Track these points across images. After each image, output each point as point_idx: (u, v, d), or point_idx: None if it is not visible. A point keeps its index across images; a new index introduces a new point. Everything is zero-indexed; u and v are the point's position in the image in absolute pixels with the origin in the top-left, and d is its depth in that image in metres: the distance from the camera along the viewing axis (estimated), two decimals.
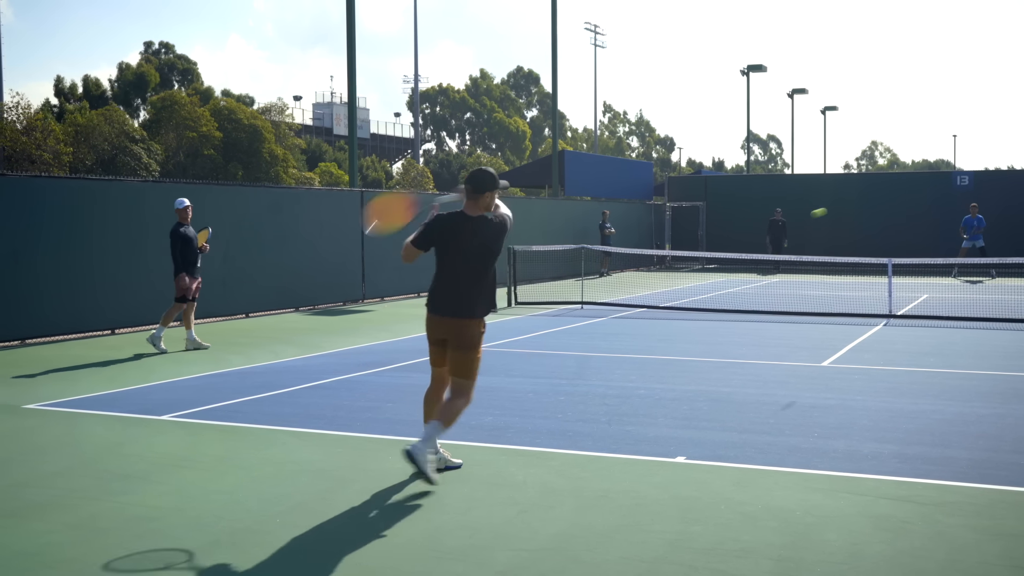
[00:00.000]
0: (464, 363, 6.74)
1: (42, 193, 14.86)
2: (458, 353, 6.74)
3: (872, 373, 11.35)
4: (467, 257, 6.71)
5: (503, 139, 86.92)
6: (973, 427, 8.38)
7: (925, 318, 16.95)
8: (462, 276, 6.73)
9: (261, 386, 10.65)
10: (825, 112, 77.76)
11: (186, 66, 67.09)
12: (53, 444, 8.10)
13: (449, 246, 6.74)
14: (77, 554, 5.43)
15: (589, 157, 42.45)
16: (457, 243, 6.71)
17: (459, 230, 6.71)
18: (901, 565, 5.16)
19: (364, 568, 5.19)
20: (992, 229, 30.11)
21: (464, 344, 6.72)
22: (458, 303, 6.73)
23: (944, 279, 26.90)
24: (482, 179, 6.72)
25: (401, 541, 5.59)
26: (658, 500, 6.32)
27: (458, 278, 6.74)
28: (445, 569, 5.16)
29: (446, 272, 6.78)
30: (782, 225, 31.97)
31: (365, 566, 5.22)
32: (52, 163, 34.84)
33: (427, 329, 6.91)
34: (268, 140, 47.10)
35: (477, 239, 6.68)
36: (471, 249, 6.70)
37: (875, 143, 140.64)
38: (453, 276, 6.75)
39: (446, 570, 5.15)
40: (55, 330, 14.93)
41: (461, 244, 6.70)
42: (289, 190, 21.20)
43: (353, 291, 21.16)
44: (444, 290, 6.78)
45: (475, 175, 6.77)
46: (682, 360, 12.50)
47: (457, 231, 6.71)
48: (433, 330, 6.86)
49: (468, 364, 6.74)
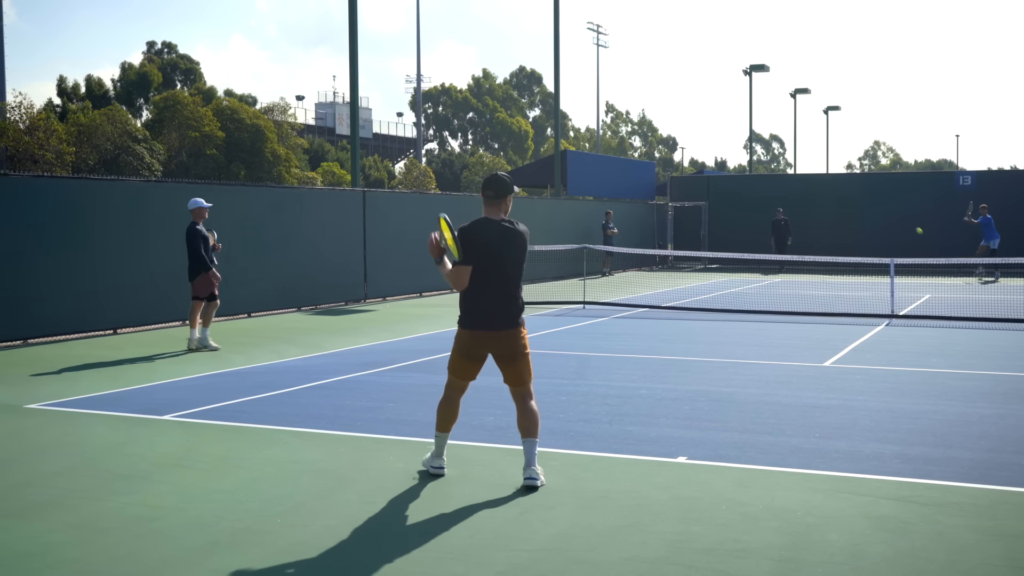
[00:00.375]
0: (524, 370, 6.69)
1: (45, 193, 14.87)
2: (515, 363, 6.65)
3: (874, 373, 11.34)
4: (506, 264, 6.57)
5: (505, 139, 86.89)
6: (975, 427, 8.37)
7: (927, 318, 16.94)
8: (507, 284, 6.58)
9: (263, 386, 10.65)
10: (828, 112, 77.71)
11: (189, 66, 67.12)
12: (55, 444, 8.10)
13: (491, 254, 6.54)
14: (79, 554, 5.43)
15: (591, 157, 42.44)
16: (498, 251, 6.54)
17: (497, 237, 6.56)
18: (902, 566, 5.15)
19: (365, 568, 5.19)
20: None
21: (519, 353, 6.63)
22: (506, 314, 6.59)
23: (955, 279, 26.83)
24: (504, 183, 6.66)
25: (402, 541, 5.59)
26: (659, 500, 6.32)
27: (503, 287, 6.57)
28: (446, 569, 5.16)
29: (490, 282, 6.55)
30: (785, 224, 31.99)
31: (366, 566, 5.21)
32: (55, 163, 34.84)
33: (466, 346, 6.67)
34: (271, 140, 47.08)
35: (513, 244, 6.59)
36: (510, 256, 6.58)
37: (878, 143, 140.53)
38: (498, 285, 6.56)
39: (447, 570, 5.15)
40: (57, 330, 14.94)
41: (502, 252, 6.55)
42: (291, 190, 21.21)
43: (355, 291, 21.16)
44: (489, 302, 6.57)
45: (497, 180, 6.69)
46: (684, 360, 12.50)
47: (495, 238, 6.55)
48: (477, 347, 6.65)
49: (527, 370, 6.72)
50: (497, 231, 6.57)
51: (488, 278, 6.55)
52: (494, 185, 6.66)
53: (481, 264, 6.52)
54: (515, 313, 6.63)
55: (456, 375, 6.81)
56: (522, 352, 6.64)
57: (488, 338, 6.61)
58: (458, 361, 6.76)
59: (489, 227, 6.57)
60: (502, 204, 6.65)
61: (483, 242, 6.51)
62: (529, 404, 6.70)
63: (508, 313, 6.59)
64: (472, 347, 6.67)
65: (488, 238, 6.53)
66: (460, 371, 6.79)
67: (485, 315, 6.58)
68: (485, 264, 6.53)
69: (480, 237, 6.52)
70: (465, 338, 6.68)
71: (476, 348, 6.67)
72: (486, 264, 6.53)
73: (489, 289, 6.56)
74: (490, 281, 6.55)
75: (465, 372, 6.79)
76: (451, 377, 6.83)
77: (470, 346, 6.67)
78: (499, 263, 6.55)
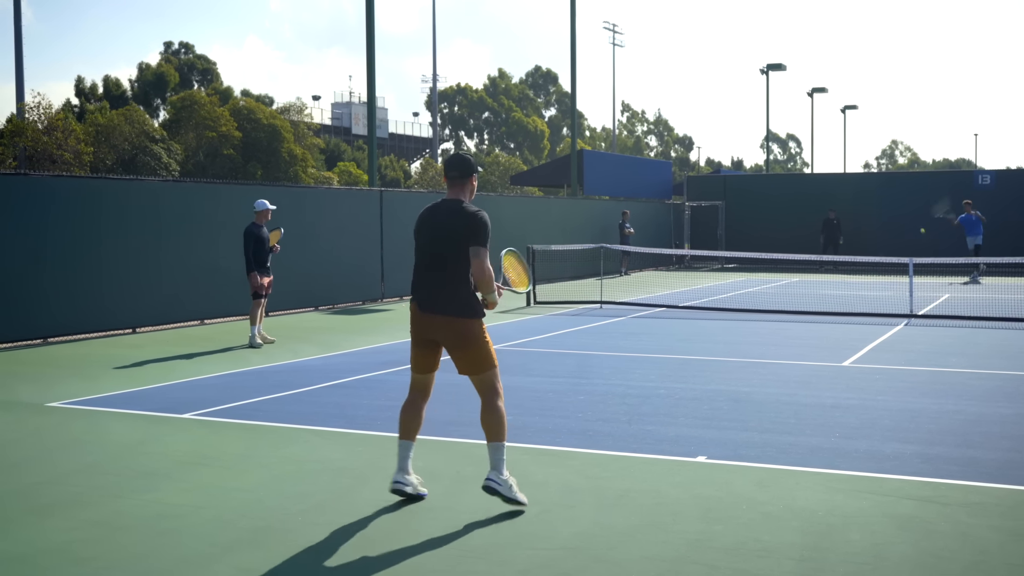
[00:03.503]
0: (476, 359, 6.20)
1: (63, 193, 14.95)
2: (460, 351, 6.22)
3: (893, 373, 11.29)
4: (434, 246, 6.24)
5: (521, 138, 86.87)
6: (997, 427, 8.32)
7: (947, 318, 16.84)
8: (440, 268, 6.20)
9: (281, 385, 10.68)
10: (845, 111, 77.50)
11: (206, 66, 67.39)
12: (75, 442, 8.14)
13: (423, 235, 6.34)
14: (99, 551, 5.45)
15: (608, 156, 42.40)
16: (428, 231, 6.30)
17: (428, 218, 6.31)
18: (925, 566, 5.12)
19: (386, 566, 5.19)
20: (1014, 229, 29.96)
21: (462, 341, 6.17)
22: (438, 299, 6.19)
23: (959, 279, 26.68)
24: (467, 162, 6.33)
25: (422, 539, 5.59)
26: (679, 500, 6.30)
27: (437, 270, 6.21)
28: (466, 567, 5.16)
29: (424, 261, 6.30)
30: (837, 224, 32.05)
31: (387, 564, 5.22)
32: (73, 163, 35.04)
33: (412, 323, 6.30)
34: (287, 140, 47.24)
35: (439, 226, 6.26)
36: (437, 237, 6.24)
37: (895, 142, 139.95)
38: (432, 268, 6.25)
39: (467, 568, 5.15)
40: (76, 329, 15.02)
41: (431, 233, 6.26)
42: (308, 190, 21.26)
43: (372, 290, 21.19)
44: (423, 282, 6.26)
45: (459, 159, 6.35)
46: (702, 360, 12.47)
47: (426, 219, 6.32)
48: (418, 326, 6.25)
49: (481, 358, 6.21)
50: (431, 213, 6.28)
51: (422, 257, 6.27)
52: (457, 165, 6.32)
53: (418, 243, 6.30)
54: (449, 301, 6.10)
55: (412, 367, 6.37)
56: (467, 341, 6.11)
57: (424, 320, 6.19)
58: (411, 348, 6.36)
59: (435, 209, 6.30)
60: (465, 186, 6.30)
61: (420, 221, 6.31)
62: (491, 399, 6.17)
63: (440, 298, 6.12)
64: (415, 325, 6.27)
65: (423, 218, 6.30)
66: (412, 360, 6.34)
67: (420, 293, 6.22)
68: (419, 243, 6.28)
69: (421, 217, 6.33)
70: (411, 312, 6.32)
71: (418, 327, 6.25)
72: (420, 243, 6.28)
73: (425, 268, 6.23)
74: (423, 260, 6.25)
75: (415, 361, 6.32)
76: (411, 373, 6.42)
77: (413, 323, 6.28)
78: (429, 245, 6.21)
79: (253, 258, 13.93)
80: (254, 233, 13.92)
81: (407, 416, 6.34)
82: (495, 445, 6.14)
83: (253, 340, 13.90)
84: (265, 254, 14.07)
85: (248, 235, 13.92)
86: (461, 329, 6.12)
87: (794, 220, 34.38)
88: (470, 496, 6.41)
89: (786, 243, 32.38)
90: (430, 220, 6.28)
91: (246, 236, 13.94)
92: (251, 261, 13.93)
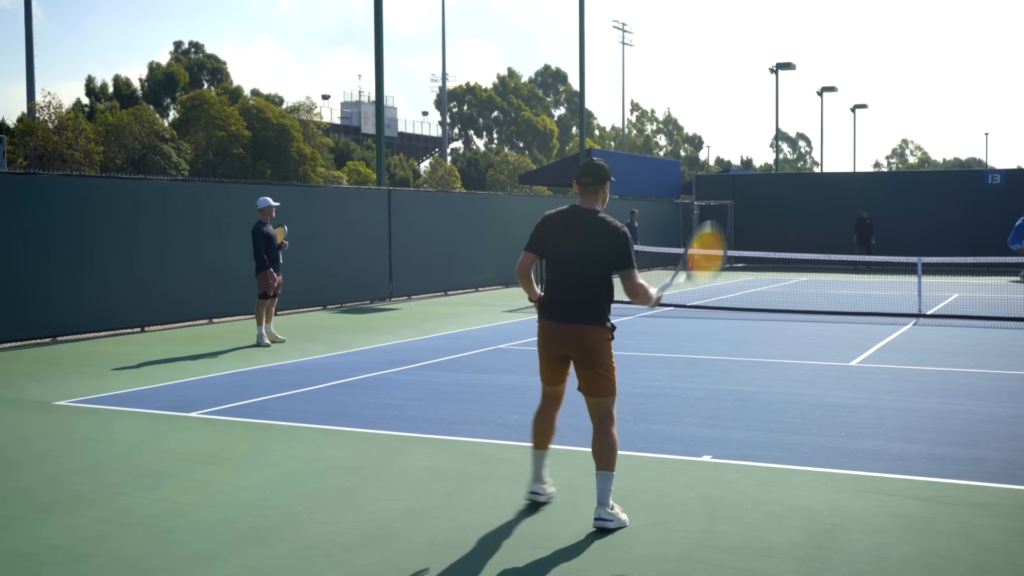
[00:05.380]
0: (600, 380, 6.01)
1: (73, 192, 15.00)
2: (589, 368, 5.99)
3: (901, 373, 11.27)
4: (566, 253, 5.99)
5: (531, 137, 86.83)
6: (1003, 428, 8.31)
7: (955, 317, 16.81)
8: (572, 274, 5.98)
9: (289, 383, 10.71)
10: (855, 110, 77.25)
11: (215, 66, 67.51)
12: (83, 440, 8.18)
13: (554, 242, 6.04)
14: (106, 548, 5.48)
15: (617, 155, 42.39)
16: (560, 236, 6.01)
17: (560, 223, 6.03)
18: (929, 566, 5.12)
19: (390, 564, 5.21)
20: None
21: (594, 356, 5.98)
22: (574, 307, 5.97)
23: (985, 279, 26.61)
24: (601, 169, 6.10)
25: (427, 538, 5.61)
26: (684, 499, 6.31)
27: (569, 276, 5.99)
28: (471, 565, 5.18)
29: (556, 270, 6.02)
30: (869, 223, 31.95)
31: (391, 562, 5.24)
32: (83, 162, 35.15)
33: (540, 340, 6.07)
34: (296, 139, 47.30)
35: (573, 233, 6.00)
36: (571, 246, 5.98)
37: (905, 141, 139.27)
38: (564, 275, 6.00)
39: (472, 566, 5.16)
40: (85, 327, 15.07)
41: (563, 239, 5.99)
42: (316, 189, 21.30)
43: (380, 289, 21.23)
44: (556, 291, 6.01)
45: (594, 166, 6.11)
46: (708, 359, 12.46)
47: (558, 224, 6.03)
48: (548, 342, 6.03)
49: (606, 382, 6.03)
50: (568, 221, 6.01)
51: (556, 265, 5.99)
52: (591, 171, 6.08)
53: (548, 252, 6.01)
54: (585, 309, 5.91)
55: (542, 379, 6.20)
56: (598, 357, 5.91)
57: (555, 331, 5.94)
58: (540, 362, 6.15)
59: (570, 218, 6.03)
60: (599, 193, 6.05)
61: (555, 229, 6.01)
62: (605, 426, 5.92)
63: (576, 306, 5.91)
64: (544, 341, 6.03)
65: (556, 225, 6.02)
66: (542, 373, 6.16)
67: (555, 304, 5.96)
68: (550, 252, 6.00)
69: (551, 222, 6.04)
70: (539, 330, 6.09)
71: (547, 343, 6.01)
72: (551, 252, 6.00)
73: (560, 277, 5.98)
74: (557, 268, 5.99)
75: (545, 374, 6.13)
76: (542, 385, 6.25)
77: (542, 340, 6.05)
78: (560, 251, 5.97)
79: (265, 256, 13.94)
80: (262, 231, 13.94)
81: (540, 426, 6.20)
82: (605, 475, 5.83)
83: (261, 339, 13.92)
84: (275, 251, 14.08)
85: (257, 233, 13.92)
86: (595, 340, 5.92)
87: (803, 219, 34.32)
88: (475, 495, 6.43)
89: (795, 242, 32.32)
90: (570, 230, 5.98)
91: (255, 235, 13.93)
92: (263, 260, 13.94)
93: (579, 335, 5.89)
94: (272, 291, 14.06)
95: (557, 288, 5.98)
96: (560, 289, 5.97)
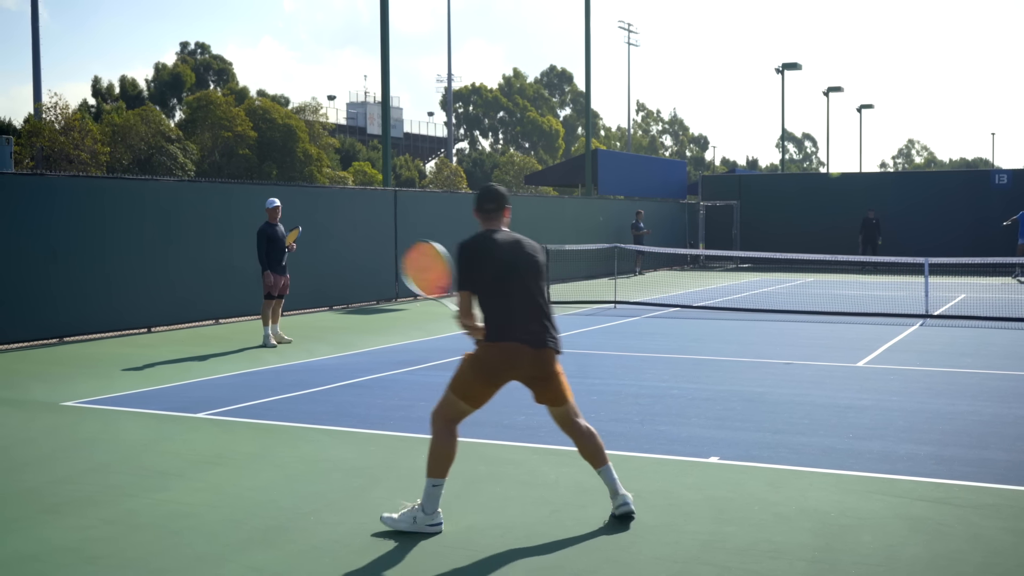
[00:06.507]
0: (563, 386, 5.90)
1: (80, 193, 15.02)
2: (551, 381, 5.84)
3: (908, 374, 11.24)
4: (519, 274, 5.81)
5: (536, 138, 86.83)
6: (1012, 429, 8.28)
7: (962, 318, 16.76)
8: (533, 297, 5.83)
9: (295, 384, 10.71)
10: (861, 110, 77.09)
11: (221, 66, 67.61)
12: (90, 441, 8.18)
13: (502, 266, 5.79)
14: (114, 549, 5.48)
15: (622, 156, 42.36)
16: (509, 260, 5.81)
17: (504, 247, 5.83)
18: (937, 568, 5.10)
19: (397, 566, 5.20)
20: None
21: (554, 372, 5.85)
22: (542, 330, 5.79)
23: (992, 279, 26.55)
24: (502, 194, 5.98)
25: (434, 539, 5.60)
26: (691, 500, 6.29)
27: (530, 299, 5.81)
28: (478, 567, 5.17)
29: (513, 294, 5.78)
30: (876, 224, 31.86)
31: (398, 564, 5.23)
32: (89, 163, 35.23)
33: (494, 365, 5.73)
34: (302, 140, 47.38)
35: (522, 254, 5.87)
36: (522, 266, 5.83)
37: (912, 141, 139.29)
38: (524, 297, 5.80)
39: (479, 568, 5.16)
40: (92, 328, 15.09)
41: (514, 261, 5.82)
42: (322, 189, 21.32)
43: (386, 290, 21.23)
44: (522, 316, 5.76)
45: (494, 191, 6.00)
46: (716, 360, 12.44)
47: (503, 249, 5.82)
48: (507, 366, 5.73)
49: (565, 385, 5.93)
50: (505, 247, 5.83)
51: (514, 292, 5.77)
52: (494, 197, 5.94)
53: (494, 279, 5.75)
54: (550, 333, 5.81)
55: (470, 403, 5.80)
56: (557, 372, 5.85)
57: (527, 355, 5.70)
58: (475, 386, 5.77)
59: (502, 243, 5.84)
60: (504, 216, 5.95)
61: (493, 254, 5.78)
62: (580, 426, 5.89)
63: (548, 330, 5.80)
64: (503, 365, 5.72)
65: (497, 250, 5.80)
66: (476, 396, 5.78)
67: (523, 330, 5.73)
68: (499, 277, 5.75)
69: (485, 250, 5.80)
70: (494, 354, 5.71)
71: (508, 367, 5.72)
72: (501, 276, 5.76)
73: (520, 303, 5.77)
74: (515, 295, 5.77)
75: (481, 397, 5.80)
76: (458, 402, 5.81)
77: (499, 364, 5.72)
78: (508, 278, 5.77)
79: (267, 257, 13.96)
80: (266, 232, 13.96)
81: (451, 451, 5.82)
82: (606, 468, 5.87)
83: (267, 340, 13.93)
84: (280, 253, 14.09)
85: (260, 235, 13.98)
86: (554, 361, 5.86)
87: (809, 220, 34.27)
88: (482, 496, 6.43)
89: (801, 243, 32.24)
90: (511, 253, 5.83)
91: (259, 235, 14.00)
92: (264, 261, 13.96)
93: (549, 358, 5.82)
94: (275, 292, 14.05)
95: (523, 313, 5.76)
96: (525, 313, 5.77)
